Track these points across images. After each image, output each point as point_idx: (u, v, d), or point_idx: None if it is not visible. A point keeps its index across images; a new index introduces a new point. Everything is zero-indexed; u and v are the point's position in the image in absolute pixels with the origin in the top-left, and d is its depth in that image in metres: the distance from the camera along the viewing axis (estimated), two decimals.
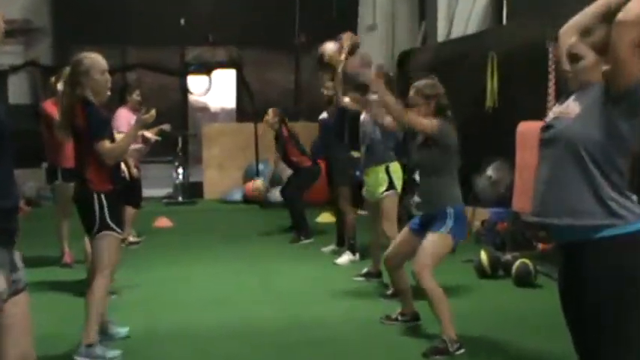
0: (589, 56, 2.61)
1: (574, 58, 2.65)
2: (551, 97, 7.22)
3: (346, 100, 6.35)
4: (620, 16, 2.37)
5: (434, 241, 4.36)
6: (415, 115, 4.45)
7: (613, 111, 2.51)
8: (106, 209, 4.17)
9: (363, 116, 6.17)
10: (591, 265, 2.56)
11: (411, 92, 4.60)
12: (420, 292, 4.48)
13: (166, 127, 8.11)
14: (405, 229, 4.69)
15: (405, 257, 4.65)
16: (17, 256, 2.46)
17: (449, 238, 4.40)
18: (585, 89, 2.63)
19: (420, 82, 4.63)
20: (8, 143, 2.40)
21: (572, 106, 2.66)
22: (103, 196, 4.18)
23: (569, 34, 2.73)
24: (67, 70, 4.43)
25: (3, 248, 2.37)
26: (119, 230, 4.26)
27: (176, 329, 4.92)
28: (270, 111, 8.64)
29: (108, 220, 4.17)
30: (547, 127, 2.77)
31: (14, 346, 2.44)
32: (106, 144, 4.17)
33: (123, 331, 4.67)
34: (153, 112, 4.42)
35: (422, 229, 4.50)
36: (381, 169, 5.86)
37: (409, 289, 4.85)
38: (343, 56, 6.16)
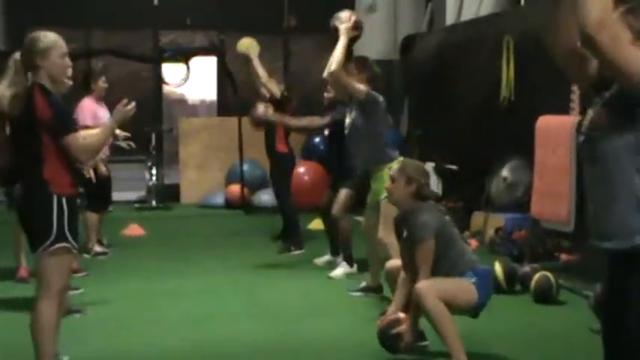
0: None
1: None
2: (576, 89, 7.20)
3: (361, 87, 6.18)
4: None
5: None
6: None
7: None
8: (65, 217, 3.93)
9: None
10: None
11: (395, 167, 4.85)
12: None
13: (124, 144, 8.00)
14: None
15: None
16: None
17: (471, 287, 4.43)
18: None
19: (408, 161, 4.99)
20: None
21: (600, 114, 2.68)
22: (64, 201, 3.93)
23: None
24: (17, 54, 4.14)
25: None
26: (75, 245, 4.03)
27: (149, 352, 4.89)
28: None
29: (66, 230, 3.95)
30: (583, 139, 2.76)
31: None
32: (80, 138, 3.97)
33: None
34: (133, 103, 4.22)
35: None
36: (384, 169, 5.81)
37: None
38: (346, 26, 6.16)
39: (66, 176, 3.99)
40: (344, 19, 6.10)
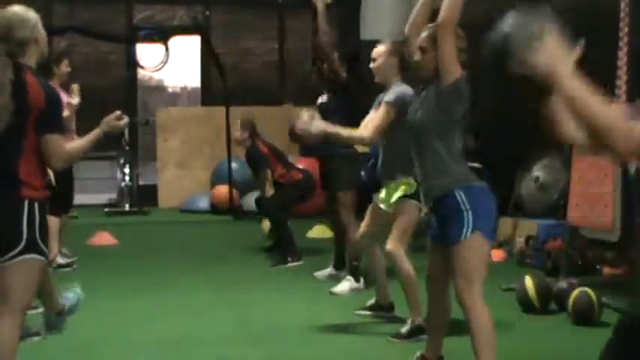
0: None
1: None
2: (622, 71, 7.19)
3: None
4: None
5: (462, 257, 4.34)
6: None
7: None
8: (37, 224, 3.87)
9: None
10: None
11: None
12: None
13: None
14: (429, 243, 4.68)
15: (444, 277, 4.61)
16: None
17: (478, 238, 4.39)
18: None
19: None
20: None
21: None
22: (35, 206, 3.88)
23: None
24: None
25: None
26: (47, 253, 4.03)
27: None
28: (239, 124, 8.71)
29: (37, 239, 3.89)
30: None
31: None
32: (62, 141, 3.98)
33: None
34: (126, 119, 4.32)
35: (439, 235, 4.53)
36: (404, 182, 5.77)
37: (445, 327, 4.82)
38: None
39: (39, 178, 3.96)
40: None
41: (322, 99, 7.67)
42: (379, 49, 6.05)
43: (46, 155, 3.89)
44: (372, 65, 5.94)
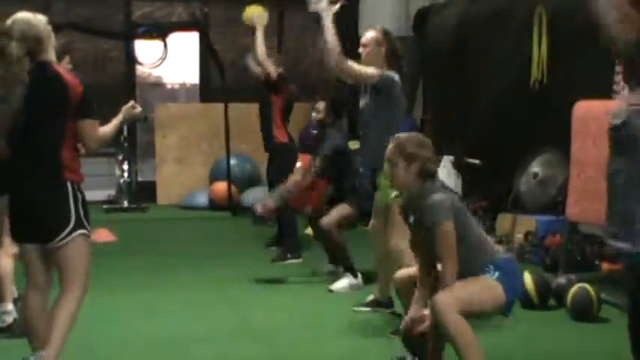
0: None
1: None
2: (620, 69, 7.19)
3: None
4: None
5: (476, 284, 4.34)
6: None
7: None
8: (80, 203, 4.29)
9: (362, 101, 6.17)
10: None
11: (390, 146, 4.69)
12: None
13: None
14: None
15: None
16: None
17: (497, 287, 4.35)
18: None
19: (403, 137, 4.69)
20: None
21: None
22: (77, 187, 4.30)
23: None
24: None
25: None
26: (89, 229, 4.42)
27: None
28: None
29: (82, 217, 4.30)
30: (619, 124, 2.81)
31: None
32: (97, 126, 4.41)
33: None
34: (139, 108, 5.00)
35: None
36: None
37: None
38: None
39: (77, 161, 4.36)
40: None
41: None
42: (368, 36, 6.07)
43: (84, 138, 4.30)
44: (361, 51, 5.95)
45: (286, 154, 8.36)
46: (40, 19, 4.38)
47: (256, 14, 8.66)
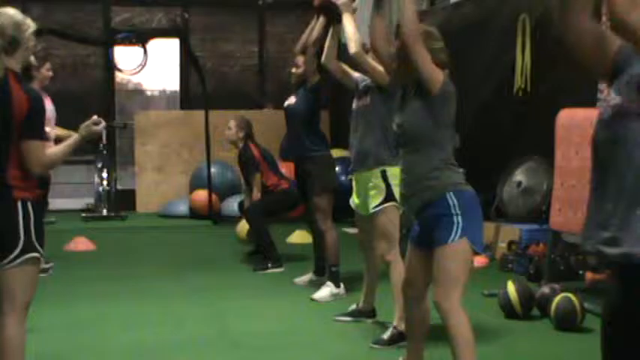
0: None
1: None
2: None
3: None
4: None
5: (445, 260, 4.34)
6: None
7: None
8: (32, 224, 4.00)
9: (355, 102, 6.14)
10: None
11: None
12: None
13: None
14: (410, 247, 4.68)
15: (423, 283, 4.62)
16: None
17: (464, 244, 4.38)
18: None
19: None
20: None
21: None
22: (29, 206, 3.99)
23: None
24: None
25: None
26: (42, 254, 4.14)
27: None
28: (232, 123, 8.67)
29: (34, 239, 4.03)
30: (604, 125, 2.83)
31: None
32: (43, 149, 4.02)
33: None
34: (103, 123, 4.33)
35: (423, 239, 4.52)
36: (375, 173, 5.82)
37: (425, 333, 4.83)
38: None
39: (29, 177, 4.00)
40: None
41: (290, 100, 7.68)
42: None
43: (27, 161, 3.91)
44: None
45: (277, 194, 8.65)
46: (28, 24, 4.06)
47: None
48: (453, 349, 4.23)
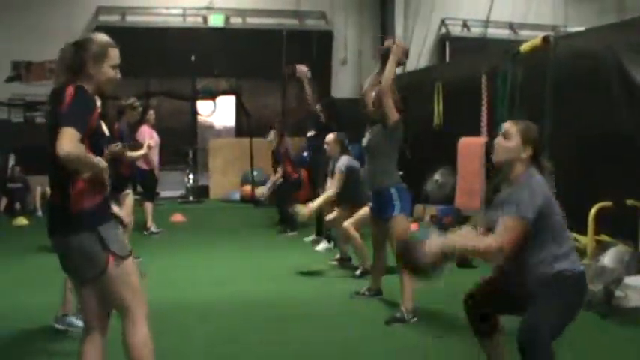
0: None
1: None
2: (484, 118, 7.30)
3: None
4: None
5: (391, 224, 4.44)
6: None
7: None
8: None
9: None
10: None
11: None
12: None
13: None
14: (371, 217, 4.76)
15: (382, 236, 4.67)
16: None
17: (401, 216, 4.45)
18: None
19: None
20: None
21: None
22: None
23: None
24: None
25: None
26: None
27: (185, 302, 4.89)
28: (273, 133, 8.62)
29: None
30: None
31: None
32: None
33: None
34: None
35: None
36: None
37: (384, 269, 4.87)
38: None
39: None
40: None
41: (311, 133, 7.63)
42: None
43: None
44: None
45: (290, 183, 8.42)
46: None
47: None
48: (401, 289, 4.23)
